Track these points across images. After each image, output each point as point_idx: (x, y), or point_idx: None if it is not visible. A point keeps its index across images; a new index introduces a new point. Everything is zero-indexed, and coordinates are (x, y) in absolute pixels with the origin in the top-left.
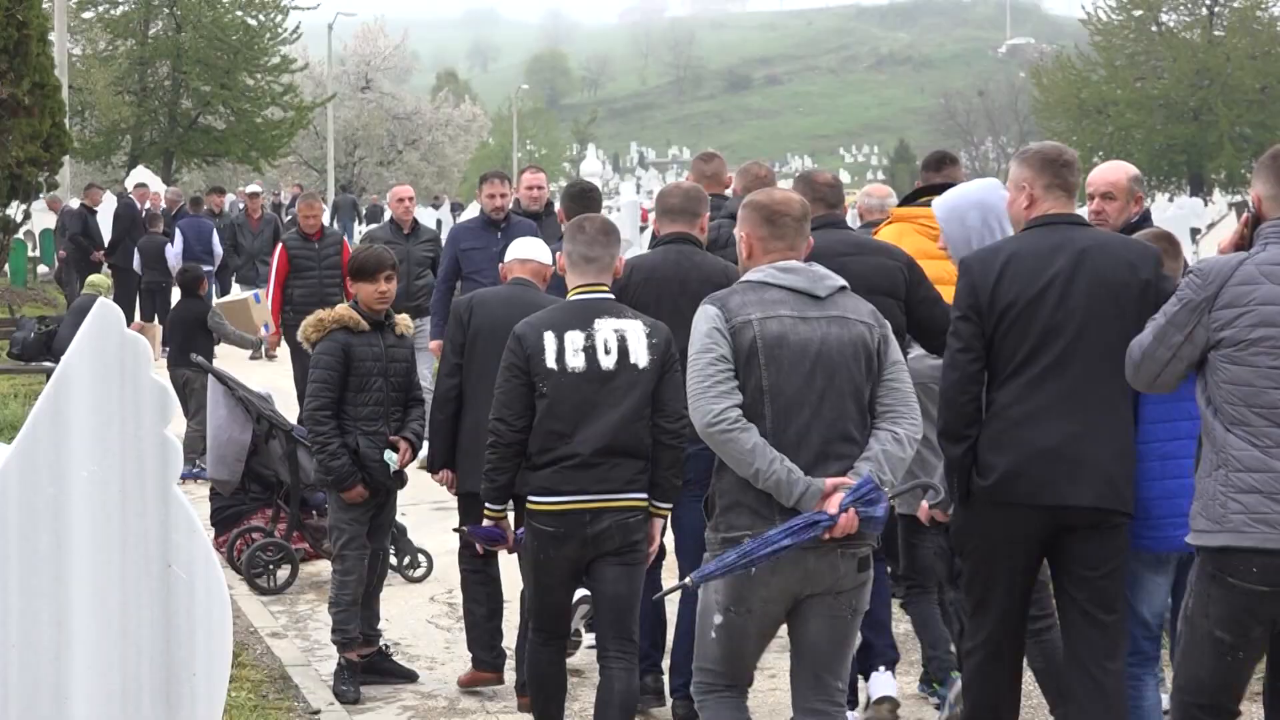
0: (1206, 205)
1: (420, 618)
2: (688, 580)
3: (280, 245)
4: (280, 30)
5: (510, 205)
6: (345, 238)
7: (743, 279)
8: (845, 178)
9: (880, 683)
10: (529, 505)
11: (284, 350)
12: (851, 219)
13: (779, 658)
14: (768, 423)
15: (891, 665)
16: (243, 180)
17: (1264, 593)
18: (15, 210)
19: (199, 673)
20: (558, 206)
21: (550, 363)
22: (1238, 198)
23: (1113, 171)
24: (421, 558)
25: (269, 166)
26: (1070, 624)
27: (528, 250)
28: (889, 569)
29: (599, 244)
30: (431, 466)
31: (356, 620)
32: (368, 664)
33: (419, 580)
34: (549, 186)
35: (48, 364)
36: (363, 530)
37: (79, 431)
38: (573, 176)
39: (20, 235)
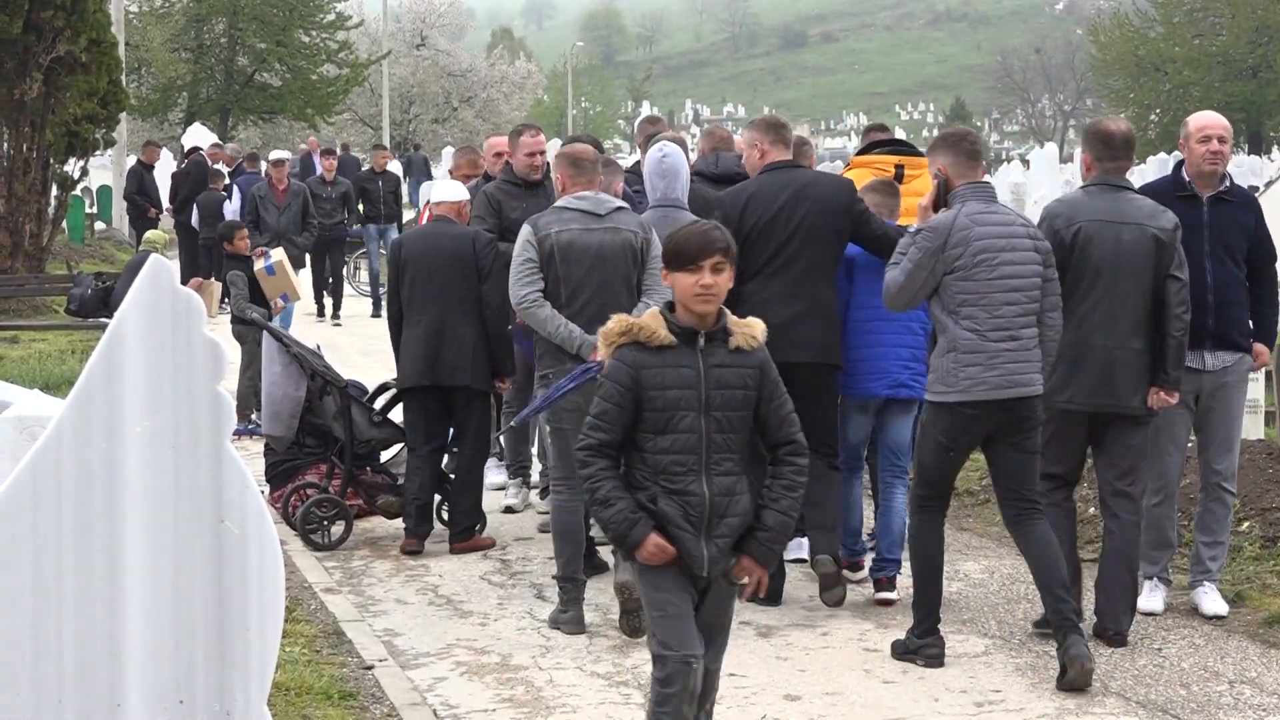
0: (1272, 161)
1: (473, 574)
2: (513, 422)
3: None
4: None
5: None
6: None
7: (553, 205)
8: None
9: (793, 546)
10: None
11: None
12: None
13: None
14: (562, 300)
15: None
16: (299, 137)
17: (973, 415)
18: (73, 167)
19: (252, 628)
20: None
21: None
22: None
23: (1221, 119)
24: None
25: (324, 123)
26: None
27: (446, 193)
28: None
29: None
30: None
31: None
32: None
33: None
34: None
35: (105, 320)
36: (685, 611)
37: (132, 388)
38: (628, 134)
39: (78, 192)
